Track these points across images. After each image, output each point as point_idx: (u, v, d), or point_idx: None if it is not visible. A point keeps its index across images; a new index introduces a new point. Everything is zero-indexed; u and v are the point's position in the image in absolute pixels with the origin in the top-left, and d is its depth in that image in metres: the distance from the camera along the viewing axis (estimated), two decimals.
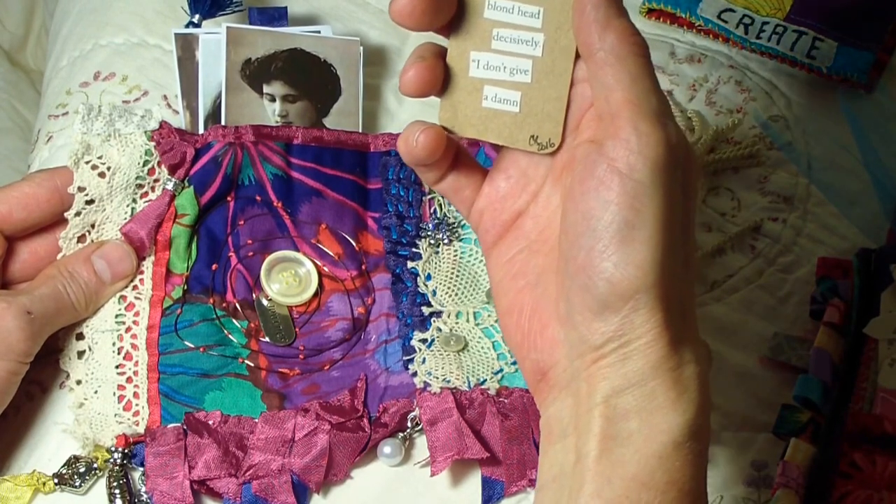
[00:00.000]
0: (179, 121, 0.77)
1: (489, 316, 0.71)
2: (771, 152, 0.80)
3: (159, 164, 0.71)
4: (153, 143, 0.71)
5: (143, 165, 0.71)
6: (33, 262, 0.69)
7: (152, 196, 0.71)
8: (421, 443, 0.68)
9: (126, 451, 0.66)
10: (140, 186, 0.71)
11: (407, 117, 0.80)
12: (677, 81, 0.83)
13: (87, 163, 0.70)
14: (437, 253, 0.73)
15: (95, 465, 0.66)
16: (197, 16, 0.79)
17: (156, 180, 0.71)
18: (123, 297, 0.70)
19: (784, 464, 0.64)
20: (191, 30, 0.78)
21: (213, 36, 0.76)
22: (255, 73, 0.76)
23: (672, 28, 0.87)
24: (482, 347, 0.70)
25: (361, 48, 0.77)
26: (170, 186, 0.71)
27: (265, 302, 0.72)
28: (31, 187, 0.68)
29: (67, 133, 0.79)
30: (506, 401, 0.68)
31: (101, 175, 0.70)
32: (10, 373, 0.64)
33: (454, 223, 0.74)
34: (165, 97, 0.80)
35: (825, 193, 0.79)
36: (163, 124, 0.72)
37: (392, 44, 0.84)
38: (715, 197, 0.79)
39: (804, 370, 0.69)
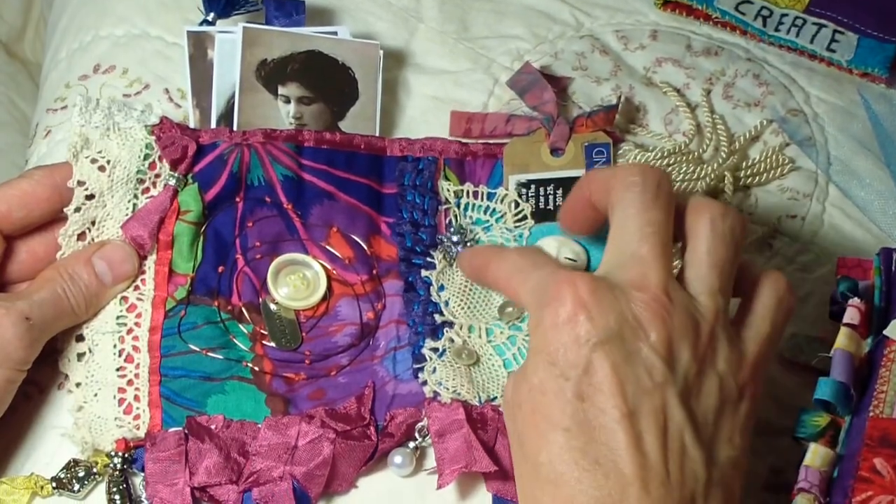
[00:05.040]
0: (181, 115, 0.76)
1: (501, 333, 0.69)
2: (788, 149, 0.79)
3: (160, 158, 0.70)
4: (154, 138, 0.70)
5: (144, 160, 0.70)
6: (31, 262, 0.68)
7: (154, 192, 0.70)
8: (432, 453, 0.66)
9: (126, 455, 0.65)
10: (141, 181, 0.70)
11: (416, 113, 0.79)
12: (694, 75, 0.82)
13: (86, 157, 0.68)
14: (451, 265, 0.71)
15: (95, 470, 0.65)
16: (212, 14, 0.77)
17: (157, 175, 0.70)
18: (125, 298, 0.68)
19: (804, 468, 0.63)
20: (204, 28, 0.76)
21: (229, 35, 0.75)
22: (271, 74, 0.74)
23: (688, 20, 0.86)
24: (493, 365, 0.69)
25: (381, 52, 0.76)
26: (172, 182, 0.70)
27: (272, 306, 0.70)
28: (31, 185, 0.67)
29: (66, 127, 0.78)
30: None
31: (101, 169, 0.68)
32: (7, 381, 0.63)
33: (470, 235, 0.72)
34: (167, 91, 0.79)
35: (844, 190, 0.78)
36: (163, 119, 0.70)
37: (400, 36, 0.83)
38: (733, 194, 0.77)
39: (824, 372, 0.68)
